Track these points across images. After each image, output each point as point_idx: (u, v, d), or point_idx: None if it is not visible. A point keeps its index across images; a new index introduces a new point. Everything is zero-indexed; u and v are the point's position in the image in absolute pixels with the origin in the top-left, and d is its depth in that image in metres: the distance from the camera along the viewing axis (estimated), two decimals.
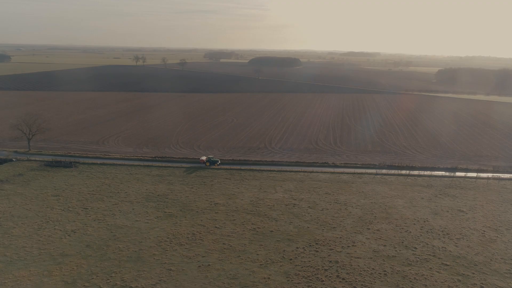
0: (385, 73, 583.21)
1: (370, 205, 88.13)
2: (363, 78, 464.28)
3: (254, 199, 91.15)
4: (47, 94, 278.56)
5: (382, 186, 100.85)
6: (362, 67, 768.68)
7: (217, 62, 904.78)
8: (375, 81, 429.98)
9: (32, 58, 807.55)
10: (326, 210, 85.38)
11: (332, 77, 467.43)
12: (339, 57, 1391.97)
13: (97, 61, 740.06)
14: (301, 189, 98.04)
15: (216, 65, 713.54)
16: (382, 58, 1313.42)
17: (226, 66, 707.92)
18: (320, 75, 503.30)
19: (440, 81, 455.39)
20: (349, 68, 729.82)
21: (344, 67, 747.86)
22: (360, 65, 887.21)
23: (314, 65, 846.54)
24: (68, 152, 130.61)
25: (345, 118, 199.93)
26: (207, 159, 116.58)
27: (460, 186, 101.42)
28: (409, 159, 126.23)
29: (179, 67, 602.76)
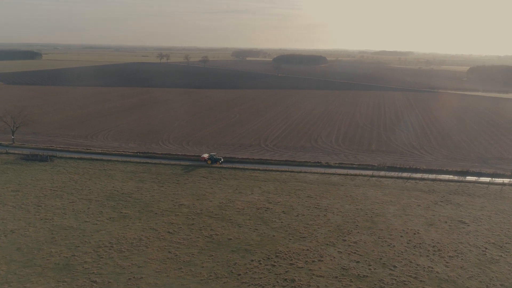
0: (414, 72, 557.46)
1: (354, 212, 76.26)
2: (388, 76, 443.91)
3: (224, 201, 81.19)
4: (59, 89, 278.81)
5: (375, 190, 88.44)
6: (391, 66, 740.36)
7: (243, 60, 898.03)
8: (400, 79, 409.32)
9: (63, 56, 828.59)
10: (302, 216, 74.28)
11: (355, 75, 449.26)
12: (369, 55, 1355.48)
13: (123, 59, 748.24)
14: (281, 191, 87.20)
15: (240, 63, 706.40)
16: (415, 57, 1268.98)
17: (250, 63, 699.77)
18: (344, 72, 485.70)
19: (471, 79, 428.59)
20: (376, 66, 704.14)
21: (371, 66, 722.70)
22: (389, 63, 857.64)
23: (341, 63, 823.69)
24: (50, 146, 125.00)
25: (356, 115, 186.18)
26: (209, 157, 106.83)
27: (467, 193, 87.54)
28: (415, 160, 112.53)
29: (201, 64, 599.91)
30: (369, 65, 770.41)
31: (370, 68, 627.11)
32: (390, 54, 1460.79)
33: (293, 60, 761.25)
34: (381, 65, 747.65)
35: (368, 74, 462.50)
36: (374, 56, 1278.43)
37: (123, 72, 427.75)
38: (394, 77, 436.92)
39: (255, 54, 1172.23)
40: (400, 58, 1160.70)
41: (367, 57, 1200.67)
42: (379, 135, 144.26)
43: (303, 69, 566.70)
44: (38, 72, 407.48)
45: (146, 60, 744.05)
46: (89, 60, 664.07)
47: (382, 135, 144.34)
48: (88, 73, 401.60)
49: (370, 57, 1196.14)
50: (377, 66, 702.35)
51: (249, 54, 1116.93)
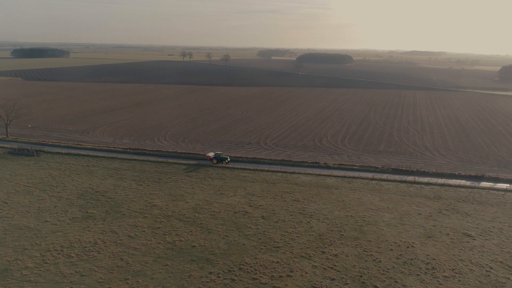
0: (443, 71, 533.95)
1: (342, 219, 67.37)
2: (413, 75, 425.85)
3: (201, 203, 73.98)
4: (74, 85, 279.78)
5: (372, 195, 79.00)
6: (420, 65, 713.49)
7: (267, 59, 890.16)
8: (426, 79, 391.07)
9: (90, 55, 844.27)
10: (282, 222, 66.08)
11: (379, 74, 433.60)
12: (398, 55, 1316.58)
13: (147, 58, 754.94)
14: (267, 193, 79.17)
15: (263, 62, 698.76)
16: (447, 57, 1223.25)
17: (273, 62, 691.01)
18: (368, 72, 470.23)
19: (503, 79, 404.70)
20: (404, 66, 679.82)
21: (398, 65, 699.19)
22: (418, 63, 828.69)
23: (368, 63, 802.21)
24: (43, 140, 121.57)
25: (370, 114, 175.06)
26: (215, 156, 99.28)
27: (478, 200, 76.80)
28: (425, 163, 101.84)
29: (222, 63, 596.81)
30: (396, 64, 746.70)
31: (396, 68, 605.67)
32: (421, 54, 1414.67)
33: (317, 59, 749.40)
34: (409, 65, 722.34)
35: (393, 74, 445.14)
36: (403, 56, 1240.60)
37: (141, 70, 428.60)
38: (419, 76, 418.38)
39: (281, 53, 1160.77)
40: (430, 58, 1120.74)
41: (396, 57, 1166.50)
42: (390, 135, 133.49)
43: (326, 67, 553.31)
44: (59, 69, 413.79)
45: (170, 58, 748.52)
46: (112, 58, 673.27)
47: (393, 135, 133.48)
48: (107, 70, 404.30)
49: (399, 57, 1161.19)
50: (405, 66, 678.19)
51: (275, 53, 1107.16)
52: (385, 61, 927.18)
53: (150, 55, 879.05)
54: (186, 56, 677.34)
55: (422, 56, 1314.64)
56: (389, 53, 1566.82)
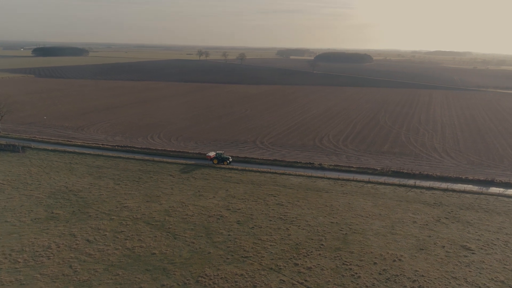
0: (466, 71, 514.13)
1: (326, 227, 60.54)
2: (434, 75, 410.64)
3: (176, 205, 68.40)
4: (85, 82, 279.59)
5: (365, 199, 71.72)
6: (443, 65, 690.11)
7: (285, 58, 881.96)
8: (447, 78, 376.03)
9: (109, 54, 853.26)
10: (258, 228, 59.77)
11: (399, 73, 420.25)
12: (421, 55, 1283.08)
13: (165, 57, 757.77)
14: (249, 196, 72.94)
15: (280, 61, 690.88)
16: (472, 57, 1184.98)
17: (290, 61, 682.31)
18: (387, 71, 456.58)
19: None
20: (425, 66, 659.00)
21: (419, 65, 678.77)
22: (442, 63, 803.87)
23: (389, 62, 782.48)
24: (34, 136, 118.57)
25: (380, 113, 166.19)
26: (216, 155, 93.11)
27: (484, 208, 68.53)
28: (430, 165, 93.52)
29: (238, 62, 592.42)
30: (418, 64, 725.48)
31: (417, 67, 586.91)
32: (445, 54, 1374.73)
33: (335, 58, 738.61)
34: (432, 65, 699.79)
35: (412, 73, 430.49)
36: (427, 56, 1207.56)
37: (156, 68, 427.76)
38: (440, 76, 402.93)
39: (301, 53, 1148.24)
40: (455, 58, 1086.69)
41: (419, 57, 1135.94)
42: (397, 135, 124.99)
43: (344, 67, 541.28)
44: (73, 66, 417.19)
45: (187, 57, 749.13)
46: (130, 57, 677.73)
47: (400, 135, 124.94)
48: (121, 69, 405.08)
49: (421, 57, 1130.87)
50: (427, 66, 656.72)
51: (294, 53, 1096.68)
52: (406, 61, 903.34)
53: (168, 54, 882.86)
54: (203, 55, 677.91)
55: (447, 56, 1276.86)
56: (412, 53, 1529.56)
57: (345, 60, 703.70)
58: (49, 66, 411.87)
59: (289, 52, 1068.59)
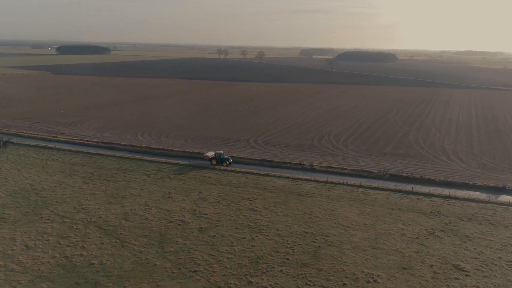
0: (494, 70, 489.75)
1: (298, 237, 52.71)
2: (459, 74, 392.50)
3: (138, 208, 62.02)
4: (97, 79, 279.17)
5: (351, 206, 63.33)
6: (471, 65, 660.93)
7: (306, 57, 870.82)
8: (472, 77, 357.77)
9: (131, 52, 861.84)
10: (220, 237, 52.55)
11: (421, 72, 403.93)
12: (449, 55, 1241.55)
13: (186, 55, 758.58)
14: (223, 199, 65.78)
15: (300, 60, 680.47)
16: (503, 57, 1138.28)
17: (310, 60, 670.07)
18: (410, 70, 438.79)
19: None
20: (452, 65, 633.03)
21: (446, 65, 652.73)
22: (471, 63, 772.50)
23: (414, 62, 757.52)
24: (21, 131, 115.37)
25: (391, 112, 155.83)
26: (215, 156, 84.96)
27: (489, 219, 59.01)
28: (435, 168, 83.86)
29: (257, 60, 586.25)
30: (444, 64, 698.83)
31: (443, 67, 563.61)
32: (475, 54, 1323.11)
33: (358, 57, 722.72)
34: (459, 64, 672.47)
35: (436, 72, 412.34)
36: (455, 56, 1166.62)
37: (171, 66, 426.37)
38: (465, 75, 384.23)
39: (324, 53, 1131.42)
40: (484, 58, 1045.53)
41: (447, 57, 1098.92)
42: (404, 135, 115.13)
43: (365, 66, 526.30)
44: (90, 64, 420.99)
45: (208, 56, 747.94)
46: (151, 56, 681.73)
47: (409, 135, 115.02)
48: (138, 66, 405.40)
49: (449, 57, 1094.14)
50: (453, 65, 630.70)
51: (318, 52, 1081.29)
52: (433, 60, 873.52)
53: (190, 53, 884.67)
54: (222, 53, 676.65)
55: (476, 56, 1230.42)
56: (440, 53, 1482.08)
57: (367, 59, 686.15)
58: (66, 64, 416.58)
59: (312, 52, 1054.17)
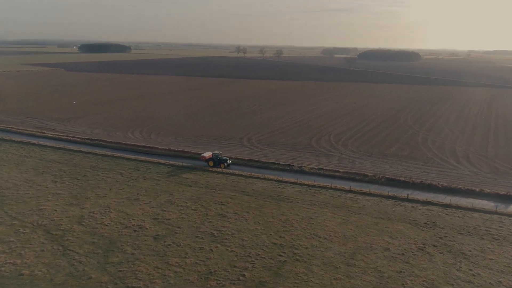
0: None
1: (264, 250, 45.96)
2: (485, 73, 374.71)
3: (98, 210, 56.57)
4: (109, 76, 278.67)
5: (334, 214, 56.00)
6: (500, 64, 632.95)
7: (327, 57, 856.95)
8: (498, 76, 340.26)
9: (152, 51, 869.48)
10: (175, 247, 46.38)
11: (444, 71, 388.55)
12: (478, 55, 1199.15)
13: (205, 54, 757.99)
14: (193, 203, 59.60)
15: (320, 59, 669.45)
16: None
17: (330, 60, 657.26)
18: (432, 69, 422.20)
19: None
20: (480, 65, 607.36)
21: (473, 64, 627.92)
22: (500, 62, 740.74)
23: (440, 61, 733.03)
24: (10, 127, 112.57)
25: (403, 111, 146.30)
26: (213, 156, 77.53)
27: (493, 234, 50.62)
28: (440, 173, 75.26)
29: (275, 59, 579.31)
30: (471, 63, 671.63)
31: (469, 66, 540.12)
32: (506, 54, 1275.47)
33: (380, 56, 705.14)
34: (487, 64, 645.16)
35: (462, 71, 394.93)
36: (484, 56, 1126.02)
37: (188, 64, 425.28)
38: (491, 74, 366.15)
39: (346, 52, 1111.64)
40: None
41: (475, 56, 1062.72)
42: (413, 136, 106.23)
43: (386, 65, 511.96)
44: (106, 62, 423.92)
45: (227, 54, 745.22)
46: (171, 54, 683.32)
47: (417, 136, 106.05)
48: (154, 64, 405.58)
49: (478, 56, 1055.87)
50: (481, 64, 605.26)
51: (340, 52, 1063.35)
52: (460, 59, 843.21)
53: (210, 52, 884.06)
54: (241, 52, 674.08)
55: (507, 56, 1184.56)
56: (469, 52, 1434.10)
57: (389, 58, 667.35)
58: (82, 61, 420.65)
59: (335, 51, 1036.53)
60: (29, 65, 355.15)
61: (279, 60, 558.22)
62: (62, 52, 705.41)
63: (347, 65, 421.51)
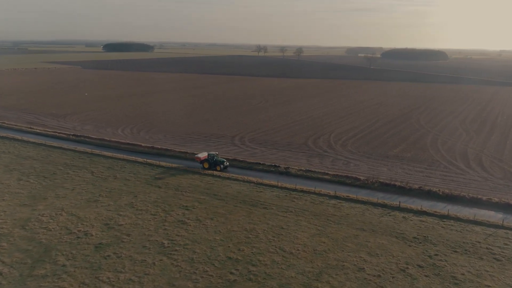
0: None
1: (215, 266, 39.40)
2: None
3: (49, 213, 51.50)
4: (125, 73, 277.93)
5: (309, 224, 48.79)
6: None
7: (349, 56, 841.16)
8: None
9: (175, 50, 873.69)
10: (114, 259, 40.49)
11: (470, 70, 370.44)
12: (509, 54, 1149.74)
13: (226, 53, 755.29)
14: (154, 207, 53.65)
15: (341, 58, 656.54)
16: None
17: (351, 59, 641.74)
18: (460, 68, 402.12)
19: None
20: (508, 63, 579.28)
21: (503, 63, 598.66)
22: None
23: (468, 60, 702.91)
24: (3, 122, 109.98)
25: (418, 109, 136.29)
26: (208, 158, 70.56)
27: (495, 253, 42.25)
28: (444, 178, 66.54)
29: (295, 57, 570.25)
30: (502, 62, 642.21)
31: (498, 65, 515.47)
32: None
33: (404, 55, 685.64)
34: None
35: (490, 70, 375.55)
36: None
37: (207, 62, 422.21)
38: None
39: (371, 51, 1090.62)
40: None
41: (506, 56, 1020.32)
42: (422, 136, 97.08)
43: (409, 64, 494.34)
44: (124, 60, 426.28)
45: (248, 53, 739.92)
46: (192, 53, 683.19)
47: (427, 136, 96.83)
48: (172, 63, 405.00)
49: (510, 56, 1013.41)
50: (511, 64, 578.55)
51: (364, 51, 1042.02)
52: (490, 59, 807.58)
53: (231, 51, 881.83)
54: (261, 51, 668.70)
55: None
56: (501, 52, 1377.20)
57: (414, 57, 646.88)
58: (102, 59, 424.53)
59: (359, 50, 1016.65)
60: (48, 63, 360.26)
61: (298, 58, 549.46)
62: (87, 51, 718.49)
63: (368, 63, 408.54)
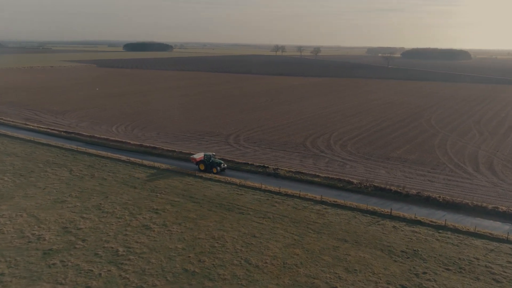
0: None
1: (166, 279, 34.91)
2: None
3: (11, 214, 48.30)
4: (133, 71, 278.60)
5: (286, 232, 43.76)
6: None
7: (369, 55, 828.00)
8: None
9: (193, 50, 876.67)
10: (59, 268, 36.70)
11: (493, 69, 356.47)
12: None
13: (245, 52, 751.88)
14: (121, 209, 49.70)
15: (360, 57, 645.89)
16: None
17: (372, 58, 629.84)
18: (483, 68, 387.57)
19: None
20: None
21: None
22: None
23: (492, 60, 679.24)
24: (0, 118, 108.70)
25: (430, 109, 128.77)
26: (204, 159, 66.09)
27: (495, 272, 36.21)
28: (446, 182, 60.26)
29: (312, 57, 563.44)
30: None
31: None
32: None
33: (425, 54, 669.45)
34: None
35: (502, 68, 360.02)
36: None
37: (222, 61, 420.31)
38: None
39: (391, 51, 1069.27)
40: None
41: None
42: (430, 137, 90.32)
43: (430, 63, 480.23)
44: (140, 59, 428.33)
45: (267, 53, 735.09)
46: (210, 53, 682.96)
47: (436, 137, 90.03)
48: (188, 62, 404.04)
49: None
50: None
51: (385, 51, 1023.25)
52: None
53: (249, 51, 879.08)
54: (279, 50, 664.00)
55: None
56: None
57: (435, 57, 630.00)
58: (119, 58, 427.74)
59: (380, 50, 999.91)
60: (66, 62, 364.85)
61: (315, 57, 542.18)
62: (107, 50, 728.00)
63: (385, 63, 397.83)
